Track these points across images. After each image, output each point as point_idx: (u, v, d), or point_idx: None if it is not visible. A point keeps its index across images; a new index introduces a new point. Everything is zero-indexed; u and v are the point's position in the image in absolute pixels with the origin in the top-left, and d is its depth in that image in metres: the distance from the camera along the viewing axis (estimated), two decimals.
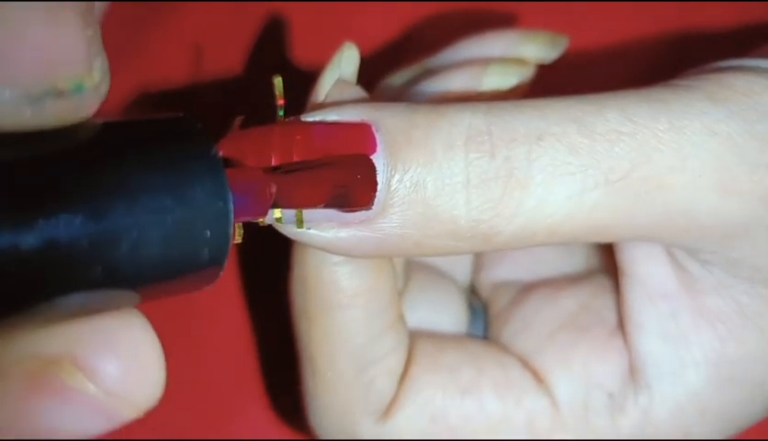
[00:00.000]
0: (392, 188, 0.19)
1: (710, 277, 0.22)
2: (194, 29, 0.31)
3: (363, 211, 0.19)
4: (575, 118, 0.20)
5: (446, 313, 0.26)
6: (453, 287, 0.27)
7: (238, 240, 0.19)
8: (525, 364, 0.24)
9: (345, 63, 0.22)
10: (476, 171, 0.19)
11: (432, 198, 0.19)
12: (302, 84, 0.23)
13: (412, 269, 0.26)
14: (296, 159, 0.19)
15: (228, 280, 0.32)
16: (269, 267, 0.26)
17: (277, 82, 0.20)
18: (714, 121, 0.20)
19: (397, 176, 0.19)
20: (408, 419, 0.23)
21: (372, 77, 0.28)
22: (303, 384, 0.24)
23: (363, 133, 0.19)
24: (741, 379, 0.22)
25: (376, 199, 0.19)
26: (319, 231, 0.20)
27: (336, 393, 0.23)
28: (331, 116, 0.20)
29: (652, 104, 0.20)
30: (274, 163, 0.19)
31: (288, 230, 0.20)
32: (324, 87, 0.22)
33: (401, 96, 0.26)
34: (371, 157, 0.19)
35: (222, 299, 0.32)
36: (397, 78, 0.28)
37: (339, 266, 0.22)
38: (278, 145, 0.19)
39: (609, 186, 0.20)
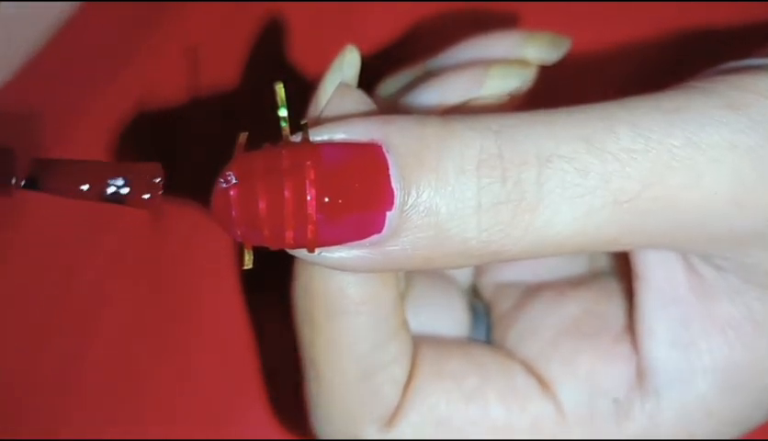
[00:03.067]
0: (405, 213, 0.19)
1: (723, 283, 0.22)
2: (194, 30, 0.31)
3: (375, 235, 0.19)
4: (585, 136, 0.19)
5: (449, 316, 0.26)
6: (455, 289, 0.27)
7: (248, 265, 0.19)
8: (530, 369, 0.24)
9: (347, 67, 0.22)
10: (487, 196, 0.19)
11: (444, 222, 0.19)
12: (304, 85, 0.23)
13: (413, 273, 0.26)
14: (309, 185, 0.19)
15: (229, 283, 0.32)
16: (270, 270, 0.26)
17: (279, 89, 0.19)
18: (734, 132, 0.19)
19: (410, 201, 0.19)
20: (413, 426, 0.23)
21: (374, 78, 0.28)
22: (306, 390, 0.24)
23: (373, 155, 0.19)
24: (749, 385, 0.22)
25: (387, 222, 0.19)
26: (329, 253, 0.19)
27: (341, 400, 0.23)
28: (338, 134, 0.19)
29: (666, 115, 0.19)
30: (286, 190, 0.18)
31: (300, 253, 0.20)
32: (326, 92, 0.21)
33: (403, 98, 0.26)
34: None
35: (223, 302, 0.32)
36: (398, 79, 0.27)
37: (345, 275, 0.22)
38: (289, 171, 0.18)
39: (617, 206, 0.19)
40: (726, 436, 0.23)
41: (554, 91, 0.22)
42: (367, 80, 0.26)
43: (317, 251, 0.19)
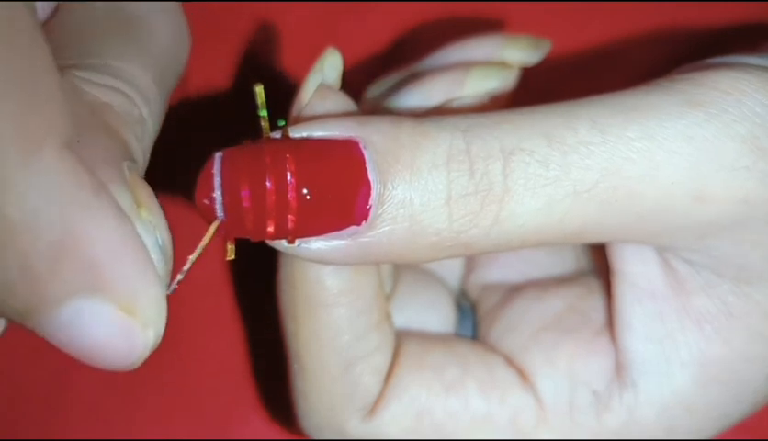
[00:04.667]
0: (381, 205, 0.20)
1: (698, 278, 0.22)
2: None
3: (353, 227, 0.20)
4: (545, 131, 0.20)
5: (435, 314, 0.27)
6: (442, 288, 0.28)
7: (231, 256, 0.20)
8: (511, 363, 0.24)
9: (328, 68, 0.22)
10: (457, 188, 0.20)
11: (418, 214, 0.20)
12: (294, 89, 0.23)
13: (401, 271, 0.27)
14: (289, 176, 0.19)
15: (223, 291, 0.32)
16: (260, 273, 0.26)
17: (259, 91, 0.20)
18: (689, 125, 0.20)
19: (386, 194, 0.20)
20: (393, 416, 0.24)
21: (360, 83, 0.29)
22: (291, 383, 0.24)
23: (351, 150, 0.20)
24: (727, 379, 0.23)
25: (364, 214, 0.20)
26: (307, 244, 0.20)
27: (323, 391, 0.23)
28: (317, 131, 0.20)
29: (625, 111, 0.20)
30: (268, 182, 0.19)
31: (279, 245, 0.20)
32: (307, 92, 0.22)
33: (389, 99, 0.26)
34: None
35: (218, 310, 0.32)
36: (385, 82, 0.28)
37: (323, 266, 0.22)
38: (271, 164, 0.19)
39: (577, 197, 0.20)
40: (707, 434, 0.23)
41: (547, 93, 0.22)
42: (356, 84, 0.26)
43: (296, 242, 0.20)
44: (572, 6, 0.32)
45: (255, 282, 0.30)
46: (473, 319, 0.27)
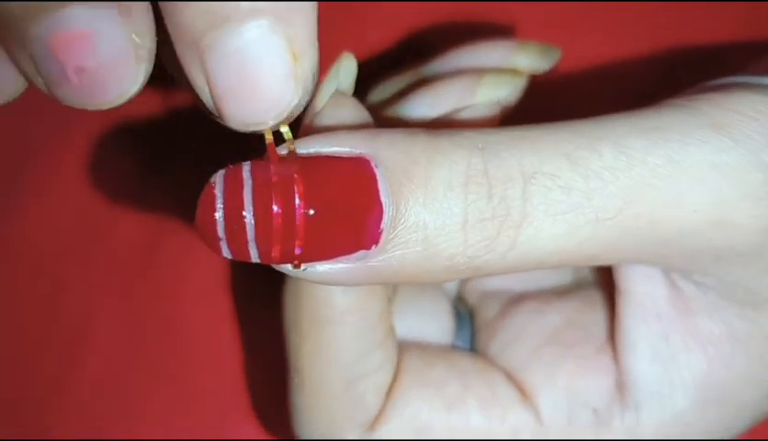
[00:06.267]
0: (393, 228, 0.19)
1: (704, 299, 0.22)
2: None
3: (362, 251, 0.19)
4: (568, 153, 0.19)
5: (434, 321, 0.26)
6: (441, 294, 0.27)
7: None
8: (511, 378, 0.24)
9: (344, 74, 0.22)
10: (474, 212, 0.19)
11: (432, 238, 0.19)
12: None
13: None
14: (297, 198, 0.18)
15: (220, 297, 0.32)
16: (260, 279, 0.26)
17: None
18: (715, 152, 0.19)
19: (399, 216, 0.19)
20: (394, 432, 0.23)
21: (368, 83, 0.28)
22: (290, 397, 0.24)
23: (362, 168, 0.19)
24: (727, 401, 0.23)
25: (375, 237, 0.19)
26: (314, 267, 0.19)
27: (324, 407, 0.23)
28: (326, 147, 0.19)
29: (649, 133, 0.19)
30: (275, 204, 0.18)
31: (285, 268, 0.19)
32: (322, 99, 0.21)
33: (397, 106, 0.26)
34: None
35: (214, 315, 0.32)
36: (392, 85, 0.27)
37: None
38: (277, 185, 0.18)
39: (598, 224, 0.19)
40: None
41: (549, 104, 0.22)
42: (361, 84, 0.26)
43: (302, 266, 0.19)
44: (573, 7, 0.31)
45: (255, 289, 0.30)
46: (471, 327, 0.27)
